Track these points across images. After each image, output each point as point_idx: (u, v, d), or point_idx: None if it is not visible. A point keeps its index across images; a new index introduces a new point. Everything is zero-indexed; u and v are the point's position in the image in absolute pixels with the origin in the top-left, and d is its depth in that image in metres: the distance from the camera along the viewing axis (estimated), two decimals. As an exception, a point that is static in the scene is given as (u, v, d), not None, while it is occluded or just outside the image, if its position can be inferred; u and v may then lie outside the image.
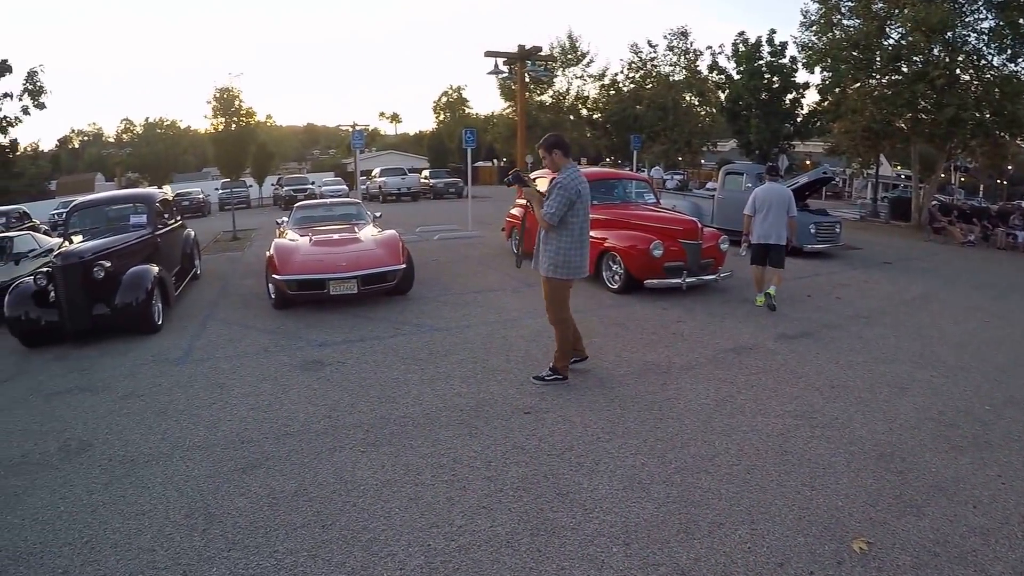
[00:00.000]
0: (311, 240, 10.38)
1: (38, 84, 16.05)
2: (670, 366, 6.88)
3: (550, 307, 6.19)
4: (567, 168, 5.83)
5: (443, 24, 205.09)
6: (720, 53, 31.32)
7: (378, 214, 12.91)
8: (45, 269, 8.85)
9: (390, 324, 8.79)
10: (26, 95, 16.00)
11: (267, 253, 10.09)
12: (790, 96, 29.43)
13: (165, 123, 53.47)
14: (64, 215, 12.47)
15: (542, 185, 6.41)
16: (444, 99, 75.83)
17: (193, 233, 13.44)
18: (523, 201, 11.42)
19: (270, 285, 9.80)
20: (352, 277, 9.23)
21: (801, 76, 28.89)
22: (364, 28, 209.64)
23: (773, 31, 28.84)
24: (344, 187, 39.44)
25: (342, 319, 9.06)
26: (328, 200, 16.51)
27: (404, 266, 9.83)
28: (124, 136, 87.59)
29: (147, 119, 54.41)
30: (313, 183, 40.83)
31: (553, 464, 4.75)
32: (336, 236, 10.74)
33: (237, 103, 22.27)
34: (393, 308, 9.63)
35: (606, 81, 42.45)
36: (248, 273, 13.55)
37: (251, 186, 41.62)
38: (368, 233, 10.91)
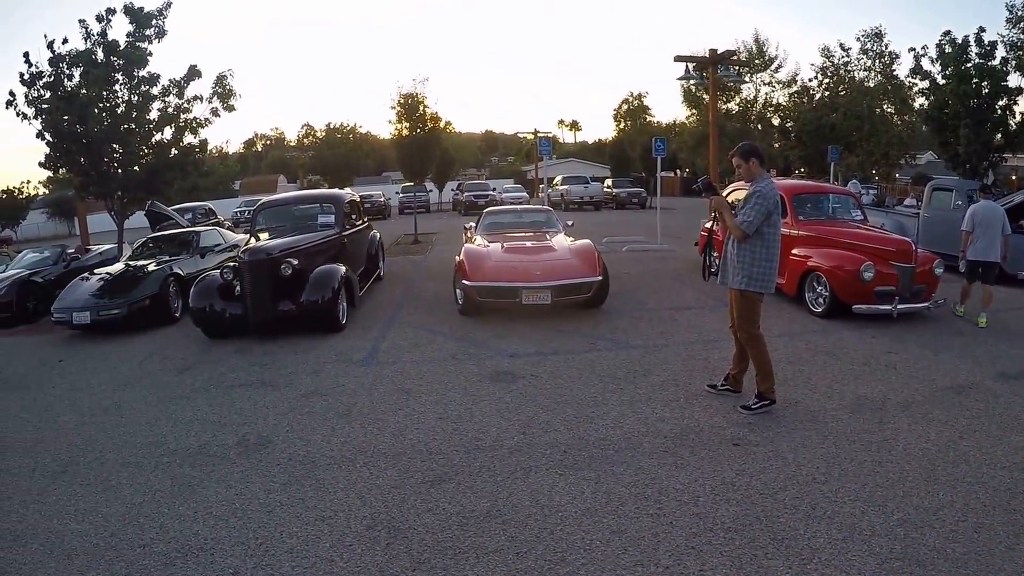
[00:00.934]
0: (503, 247, 10.45)
1: (227, 87, 17.48)
2: (885, 402, 6.22)
3: (742, 323, 6.05)
4: (763, 178, 5.94)
5: (624, 29, 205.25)
6: (923, 55, 28.83)
7: (570, 222, 12.84)
8: (231, 264, 9.64)
9: (584, 338, 8.62)
10: (215, 98, 17.44)
11: (456, 258, 10.33)
12: (1001, 103, 26.50)
13: (346, 128, 57.18)
14: (251, 213, 13.38)
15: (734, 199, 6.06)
16: (625, 106, 76.35)
17: (379, 235, 14.13)
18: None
19: (458, 290, 9.98)
20: (546, 287, 9.16)
21: (1013, 79, 25.96)
22: (544, 35, 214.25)
23: (982, 29, 26.06)
24: (525, 194, 40.62)
25: (533, 330, 9.01)
26: (519, 207, 16.74)
27: (600, 278, 9.66)
28: (305, 140, 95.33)
29: (328, 124, 58.46)
30: (494, 189, 42.11)
31: (766, 505, 4.36)
32: (529, 244, 10.75)
33: (421, 108, 23.18)
34: (587, 321, 9.48)
35: (795, 88, 40.62)
36: (431, 276, 14.04)
37: (431, 190, 43.55)
38: (562, 242, 10.85)
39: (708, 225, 12.80)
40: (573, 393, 6.54)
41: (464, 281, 9.53)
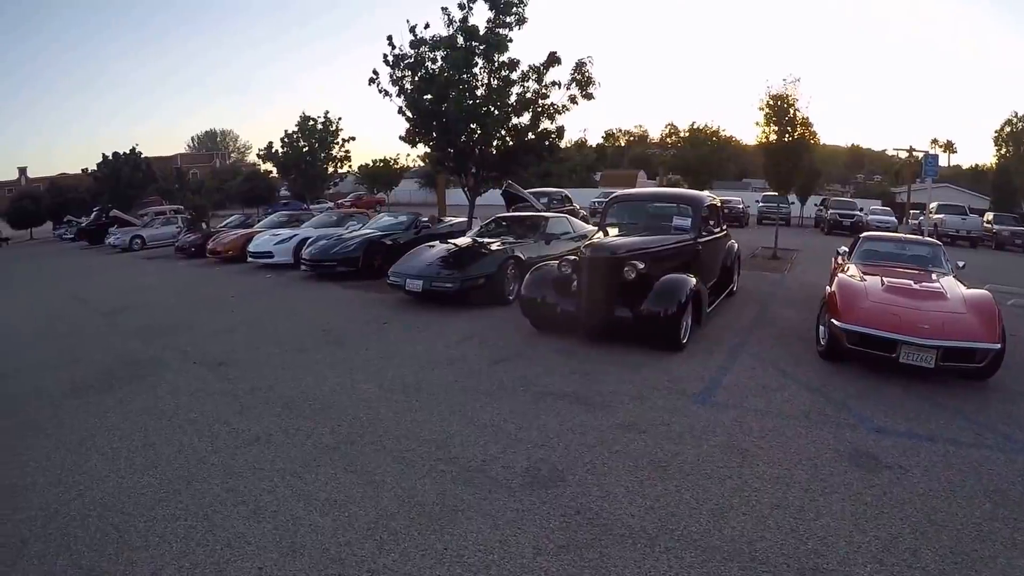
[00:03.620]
0: (882, 284, 8.49)
1: (586, 75, 17.17)
2: None
3: None
4: None
5: (1010, 36, 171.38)
6: None
7: (961, 264, 10.30)
8: (572, 257, 8.96)
9: (968, 423, 6.36)
10: (573, 85, 17.28)
11: (827, 288, 8.65)
12: None
13: (709, 130, 56.23)
14: (602, 204, 12.80)
15: None
16: (1008, 128, 65.87)
17: (736, 245, 12.55)
18: None
19: (822, 327, 8.27)
20: (932, 346, 7.06)
21: None
22: (919, 42, 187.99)
23: None
24: (893, 219, 36.07)
25: (905, 397, 6.99)
26: (901, 235, 14.32)
27: (999, 345, 7.28)
28: (668, 140, 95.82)
29: (692, 124, 57.65)
30: (861, 209, 37.95)
31: None
32: (916, 285, 8.61)
33: (792, 112, 21.12)
34: (972, 397, 7.13)
35: None
36: (789, 301, 12.17)
37: (793, 203, 40.67)
38: (954, 288, 8.52)
39: None
40: (952, 510, 4.63)
41: (833, 320, 7.76)
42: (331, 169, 37.97)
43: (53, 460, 5.73)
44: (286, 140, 36.75)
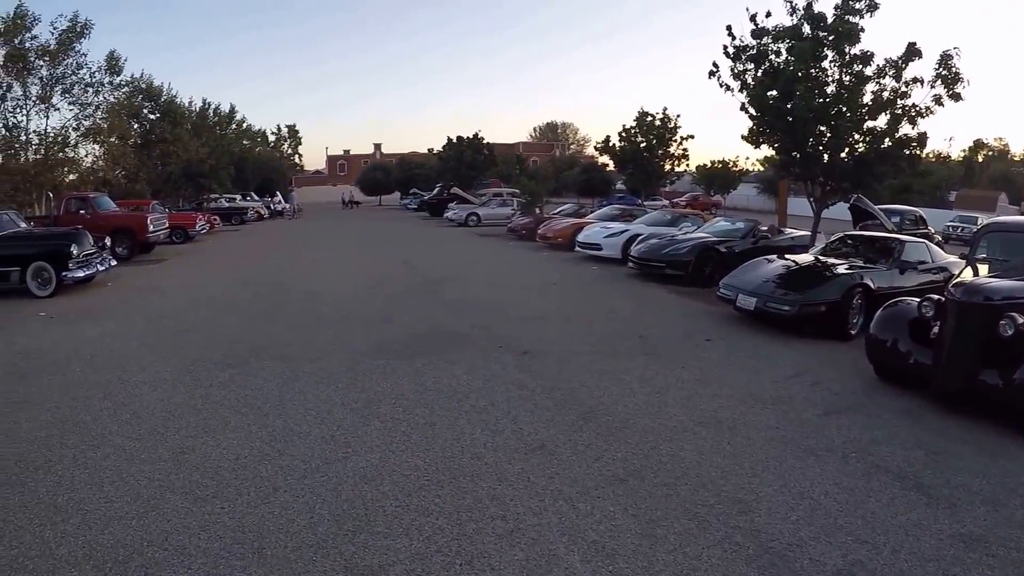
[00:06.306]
0: None
1: (953, 71, 14.10)
2: None
3: None
4: None
5: None
6: None
7: None
8: (936, 297, 7.07)
9: None
10: (938, 82, 14.30)
11: None
12: None
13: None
14: (964, 230, 10.62)
15: None
16: None
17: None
18: None
19: None
20: None
21: None
22: None
23: None
24: None
25: None
26: None
27: None
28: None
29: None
30: None
31: None
32: None
33: None
34: None
35: None
36: None
37: None
38: None
39: None
40: None
41: None
42: (668, 167, 37.46)
43: (333, 415, 5.74)
44: (623, 135, 36.92)
